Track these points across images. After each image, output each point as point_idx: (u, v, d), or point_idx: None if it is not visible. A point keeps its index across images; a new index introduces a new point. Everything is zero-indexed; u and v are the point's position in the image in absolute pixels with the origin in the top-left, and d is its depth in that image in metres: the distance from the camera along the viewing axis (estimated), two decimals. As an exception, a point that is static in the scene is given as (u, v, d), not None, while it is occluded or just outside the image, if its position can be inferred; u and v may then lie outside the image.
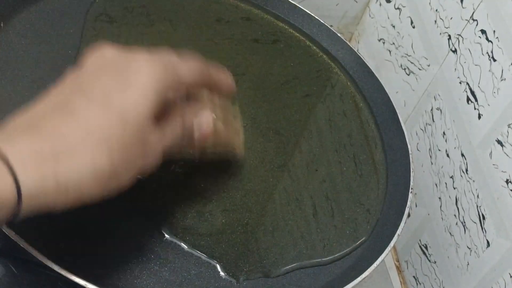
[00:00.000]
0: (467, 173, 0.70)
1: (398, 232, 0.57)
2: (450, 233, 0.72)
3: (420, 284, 0.78)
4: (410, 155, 0.65)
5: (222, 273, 0.53)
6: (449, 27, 0.74)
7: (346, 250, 0.58)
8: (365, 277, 0.53)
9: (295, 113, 0.68)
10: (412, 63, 0.82)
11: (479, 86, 0.68)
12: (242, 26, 0.74)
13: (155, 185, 0.56)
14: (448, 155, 0.74)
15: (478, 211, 0.68)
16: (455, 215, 0.72)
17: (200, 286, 0.52)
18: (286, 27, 0.76)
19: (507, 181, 0.63)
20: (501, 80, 0.65)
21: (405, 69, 0.83)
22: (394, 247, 0.83)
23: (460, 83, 0.71)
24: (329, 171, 0.64)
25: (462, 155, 0.71)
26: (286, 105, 0.69)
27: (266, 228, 0.57)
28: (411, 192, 0.61)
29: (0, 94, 0.57)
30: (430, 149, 0.77)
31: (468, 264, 0.69)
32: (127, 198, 0.46)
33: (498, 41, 0.65)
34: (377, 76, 0.72)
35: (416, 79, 0.81)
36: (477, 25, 0.69)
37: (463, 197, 0.70)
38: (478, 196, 0.68)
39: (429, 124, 0.78)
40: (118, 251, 0.52)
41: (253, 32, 0.74)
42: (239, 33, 0.73)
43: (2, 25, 0.62)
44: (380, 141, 0.68)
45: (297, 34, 0.75)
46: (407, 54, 0.83)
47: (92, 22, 0.67)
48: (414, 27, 0.81)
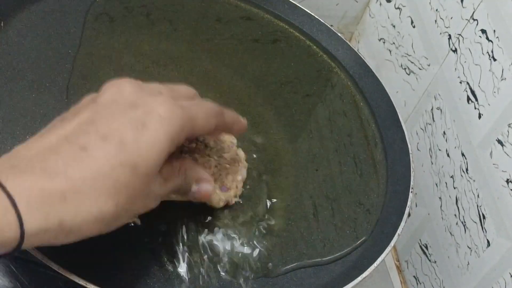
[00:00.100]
0: (467, 172, 0.70)
1: (398, 232, 0.57)
2: (451, 233, 0.72)
3: (420, 284, 0.78)
4: (410, 155, 0.65)
5: (222, 273, 0.53)
6: (449, 27, 0.74)
7: (346, 250, 0.58)
8: (365, 277, 0.53)
9: (295, 113, 0.68)
10: (412, 62, 0.82)
11: (479, 86, 0.68)
12: (242, 26, 0.74)
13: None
14: (448, 155, 0.73)
15: (478, 211, 0.67)
16: (455, 215, 0.72)
17: (201, 286, 0.52)
18: (286, 26, 0.76)
19: (507, 181, 0.63)
20: (501, 80, 0.65)
21: (405, 68, 0.83)
22: (394, 247, 0.83)
23: (461, 82, 0.71)
24: (329, 171, 0.64)
25: (463, 154, 0.71)
26: (286, 105, 0.69)
27: (266, 228, 0.57)
28: (411, 192, 0.61)
29: (0, 94, 0.57)
30: (430, 149, 0.77)
31: (468, 264, 0.69)
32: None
33: (499, 40, 0.65)
34: (377, 76, 0.72)
35: (416, 78, 0.81)
36: (477, 24, 0.69)
37: (463, 197, 0.70)
38: (478, 195, 0.68)
39: (429, 124, 0.78)
40: (118, 251, 0.52)
41: (253, 32, 0.74)
42: (239, 33, 0.73)
43: (2, 25, 0.62)
44: (380, 141, 0.68)
45: (297, 34, 0.75)
46: (407, 54, 0.83)
47: (92, 22, 0.67)
48: (414, 26, 0.81)
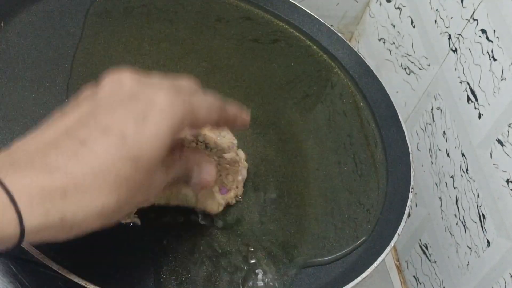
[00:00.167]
0: (467, 172, 0.70)
1: (398, 232, 0.57)
2: (451, 233, 0.72)
3: (420, 284, 0.78)
4: (411, 155, 0.65)
5: (224, 274, 0.53)
6: (449, 27, 0.74)
7: (346, 250, 0.58)
8: (365, 277, 0.53)
9: (295, 112, 0.68)
10: (412, 62, 0.82)
11: (479, 86, 0.68)
12: (242, 26, 0.74)
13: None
14: (448, 155, 0.73)
15: (478, 211, 0.67)
16: (455, 215, 0.72)
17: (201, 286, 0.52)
18: (286, 26, 0.76)
19: (507, 181, 0.63)
20: (502, 80, 0.65)
21: (405, 68, 0.83)
22: (394, 247, 0.83)
23: (461, 82, 0.71)
24: (329, 171, 0.64)
25: (463, 154, 0.71)
26: (286, 105, 0.69)
27: (267, 228, 0.57)
28: (411, 192, 0.61)
29: (0, 94, 0.57)
30: (430, 149, 0.77)
31: (468, 264, 0.69)
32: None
33: (499, 40, 0.65)
34: (377, 76, 0.72)
35: (417, 78, 0.81)
36: (477, 24, 0.69)
37: (463, 197, 0.70)
38: (478, 195, 0.68)
39: (430, 124, 0.78)
40: (118, 251, 0.52)
41: (253, 32, 0.74)
42: (239, 33, 0.73)
43: (2, 25, 0.62)
44: (380, 140, 0.68)
45: (297, 34, 0.75)
46: (407, 54, 0.83)
47: (92, 22, 0.67)
48: (414, 26, 0.81)
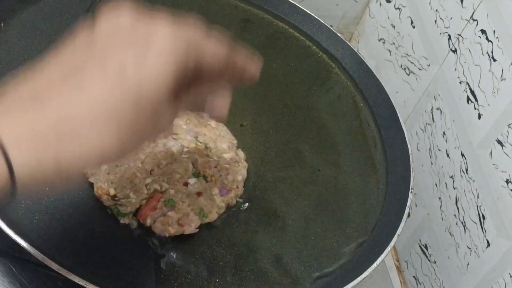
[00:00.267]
0: (467, 173, 0.70)
1: (398, 232, 0.57)
2: (450, 233, 0.72)
3: (420, 284, 0.78)
4: (410, 155, 0.65)
5: (228, 278, 0.53)
6: (449, 27, 0.74)
7: (346, 250, 0.58)
8: (365, 277, 0.53)
9: (295, 113, 0.68)
10: (412, 63, 0.82)
11: (479, 86, 0.68)
12: (242, 26, 0.74)
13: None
14: (448, 155, 0.73)
15: (478, 211, 0.67)
16: (455, 215, 0.72)
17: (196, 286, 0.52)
18: (286, 27, 0.76)
19: (507, 181, 0.63)
20: (501, 80, 0.65)
21: (405, 69, 0.83)
22: (394, 247, 0.83)
23: (460, 83, 0.71)
24: (329, 171, 0.64)
25: (462, 155, 0.71)
26: (286, 105, 0.69)
27: (266, 228, 0.57)
28: (411, 192, 0.61)
29: None
30: (430, 149, 0.77)
31: (468, 264, 0.69)
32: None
33: (498, 41, 0.65)
34: (377, 76, 0.72)
35: (416, 79, 0.81)
36: (477, 25, 0.69)
37: (463, 197, 0.70)
38: (478, 196, 0.68)
39: (429, 124, 0.78)
40: (118, 251, 0.52)
41: (253, 31, 0.74)
42: (239, 33, 0.73)
43: (2, 25, 0.62)
44: (380, 141, 0.68)
45: (297, 34, 0.75)
46: (407, 54, 0.83)
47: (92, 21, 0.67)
48: (414, 27, 0.81)
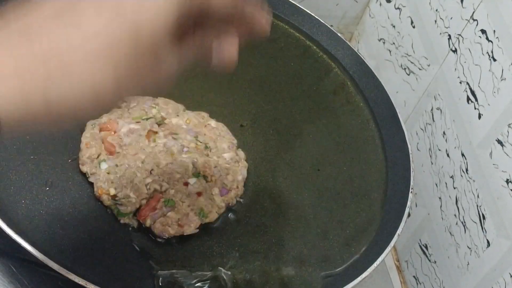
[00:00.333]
0: (467, 173, 0.70)
1: (398, 232, 0.57)
2: (450, 233, 0.72)
3: (420, 284, 0.78)
4: (410, 155, 0.65)
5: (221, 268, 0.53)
6: (449, 27, 0.74)
7: (346, 250, 0.58)
8: (365, 277, 0.53)
9: (295, 113, 0.68)
10: (412, 63, 0.82)
11: (479, 86, 0.68)
12: (242, 26, 0.74)
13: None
14: (448, 155, 0.73)
15: (478, 211, 0.67)
16: (455, 215, 0.72)
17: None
18: (286, 27, 0.76)
19: (507, 181, 0.63)
20: (501, 80, 0.64)
21: (405, 69, 0.83)
22: (394, 247, 0.83)
23: (460, 83, 0.71)
24: (329, 171, 0.64)
25: (462, 155, 0.71)
26: (286, 104, 0.68)
27: (266, 227, 0.57)
28: (411, 192, 0.61)
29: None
30: (430, 149, 0.77)
31: (468, 264, 0.69)
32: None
33: (498, 41, 0.65)
34: (377, 76, 0.72)
35: (416, 79, 0.81)
36: (477, 25, 0.69)
37: (463, 197, 0.70)
38: (478, 196, 0.68)
39: (429, 124, 0.78)
40: (119, 252, 0.52)
41: (253, 32, 0.74)
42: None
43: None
44: (380, 141, 0.68)
45: (297, 34, 0.75)
46: (407, 54, 0.83)
47: None
48: (414, 27, 0.81)
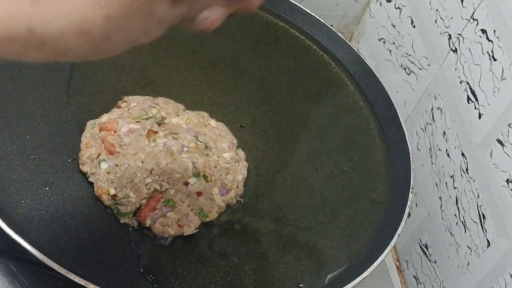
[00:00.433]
0: (467, 172, 0.70)
1: (398, 232, 0.57)
2: (451, 233, 0.72)
3: (421, 284, 0.78)
4: (411, 155, 0.65)
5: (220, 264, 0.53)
6: (449, 27, 0.74)
7: (346, 250, 0.58)
8: (365, 277, 0.53)
9: (295, 112, 0.68)
10: (412, 62, 0.82)
11: (479, 86, 0.68)
12: (242, 26, 0.74)
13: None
14: (448, 155, 0.73)
15: (478, 211, 0.67)
16: (455, 215, 0.72)
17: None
18: (287, 26, 0.76)
19: (507, 181, 0.63)
20: (502, 80, 0.64)
21: (405, 68, 0.83)
22: (394, 247, 0.83)
23: (461, 82, 0.71)
24: (329, 171, 0.64)
25: (463, 154, 0.71)
26: (286, 104, 0.68)
27: (266, 227, 0.57)
28: (411, 191, 0.61)
29: (0, 94, 0.57)
30: (430, 149, 0.77)
31: (468, 264, 0.69)
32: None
33: (499, 40, 0.65)
34: (378, 75, 0.72)
35: (417, 78, 0.81)
36: (477, 24, 0.69)
37: (463, 197, 0.70)
38: (478, 195, 0.68)
39: (430, 124, 0.78)
40: (119, 252, 0.52)
41: (253, 32, 0.74)
42: (239, 34, 0.73)
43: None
44: (380, 140, 0.68)
45: (297, 34, 0.75)
46: (408, 54, 0.83)
47: None
48: (414, 26, 0.81)
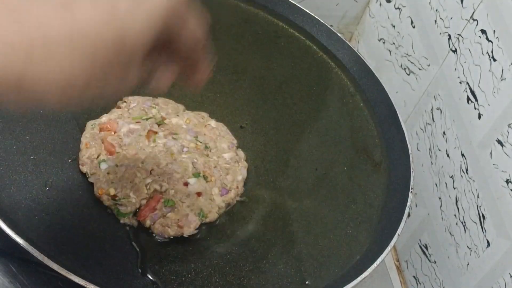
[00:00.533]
0: (467, 173, 0.70)
1: (398, 232, 0.57)
2: (450, 233, 0.72)
3: (420, 284, 0.78)
4: (410, 155, 0.65)
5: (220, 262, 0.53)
6: (449, 27, 0.74)
7: (346, 250, 0.58)
8: (365, 277, 0.53)
9: (295, 113, 0.68)
10: (412, 63, 0.82)
11: (479, 86, 0.68)
12: (242, 26, 0.74)
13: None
14: (448, 155, 0.73)
15: (478, 211, 0.67)
16: (455, 215, 0.72)
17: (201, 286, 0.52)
18: (286, 26, 0.76)
19: (507, 181, 0.63)
20: (501, 80, 0.65)
21: (405, 69, 0.83)
22: (394, 247, 0.83)
23: (460, 83, 0.71)
24: (329, 171, 0.64)
25: (462, 155, 0.71)
26: (286, 105, 0.68)
27: (267, 227, 0.57)
28: (411, 192, 0.61)
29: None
30: (430, 149, 0.77)
31: (468, 264, 0.69)
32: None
33: (498, 41, 0.65)
34: (377, 76, 0.72)
35: (416, 79, 0.81)
36: (477, 25, 0.69)
37: (463, 197, 0.70)
38: (478, 196, 0.68)
39: (429, 124, 0.78)
40: (119, 252, 0.52)
41: (253, 31, 0.74)
42: (239, 33, 0.73)
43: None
44: (380, 141, 0.68)
45: (297, 34, 0.75)
46: (407, 54, 0.83)
47: None
48: (414, 27, 0.81)
